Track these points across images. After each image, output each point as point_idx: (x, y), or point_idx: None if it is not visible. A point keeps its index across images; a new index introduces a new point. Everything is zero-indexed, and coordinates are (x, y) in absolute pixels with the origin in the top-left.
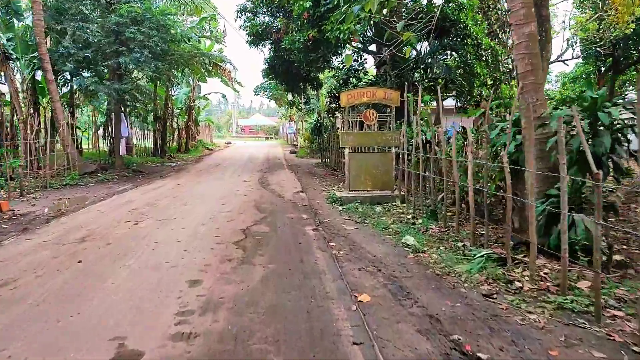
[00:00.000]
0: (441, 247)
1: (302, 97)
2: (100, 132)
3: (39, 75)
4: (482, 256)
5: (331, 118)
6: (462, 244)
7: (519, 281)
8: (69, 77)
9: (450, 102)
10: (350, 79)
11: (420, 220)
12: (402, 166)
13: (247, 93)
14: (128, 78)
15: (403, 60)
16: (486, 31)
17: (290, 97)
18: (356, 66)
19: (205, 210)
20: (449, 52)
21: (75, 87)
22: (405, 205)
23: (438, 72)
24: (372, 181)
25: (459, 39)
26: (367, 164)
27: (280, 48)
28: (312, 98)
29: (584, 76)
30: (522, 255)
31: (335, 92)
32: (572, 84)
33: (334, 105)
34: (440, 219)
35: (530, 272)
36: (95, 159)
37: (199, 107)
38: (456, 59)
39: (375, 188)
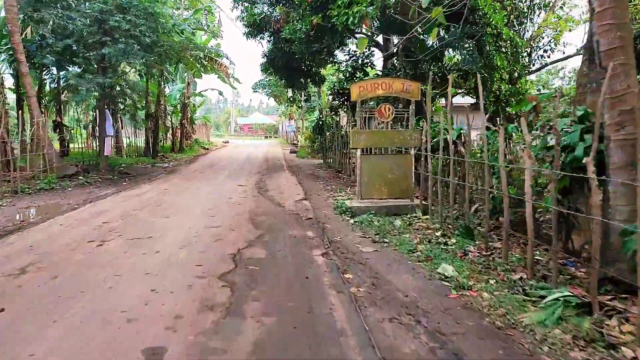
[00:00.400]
0: (490, 281)
1: (303, 94)
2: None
3: None
4: (556, 299)
5: (333, 116)
6: (519, 276)
7: (624, 344)
8: (55, 72)
9: (458, 100)
10: (357, 72)
11: (453, 240)
12: (422, 171)
13: (247, 91)
14: (114, 71)
15: (420, 49)
16: (505, 20)
17: (290, 93)
18: (363, 58)
19: (189, 226)
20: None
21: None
22: (428, 217)
23: (461, 63)
24: (388, 188)
25: (478, 27)
26: (382, 168)
27: (280, 39)
28: (313, 95)
29: None
30: (610, 297)
31: (338, 88)
32: None
33: (338, 102)
34: (478, 238)
35: (637, 328)
36: (78, 160)
37: (194, 104)
38: (469, 52)
39: (392, 196)
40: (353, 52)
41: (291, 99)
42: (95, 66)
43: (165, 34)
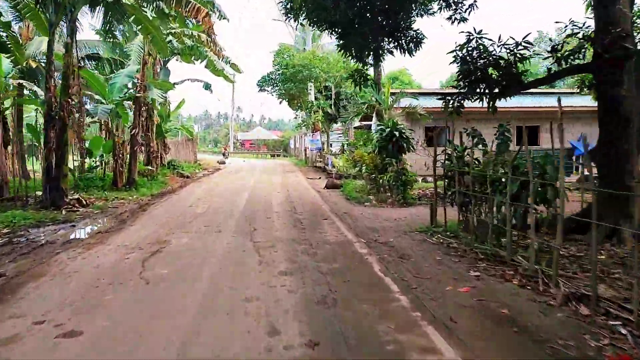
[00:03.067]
0: None
1: (330, 96)
2: None
3: None
4: None
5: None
6: None
7: None
8: None
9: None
10: None
11: None
12: None
13: (247, 106)
14: None
15: None
16: None
17: (311, 96)
18: None
19: None
20: None
21: None
22: None
23: None
24: None
25: None
26: None
27: None
28: (352, 95)
29: None
30: None
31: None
32: None
33: (478, 86)
34: None
35: None
36: None
37: (164, 102)
38: None
39: None
40: None
41: (359, 76)
42: None
43: None
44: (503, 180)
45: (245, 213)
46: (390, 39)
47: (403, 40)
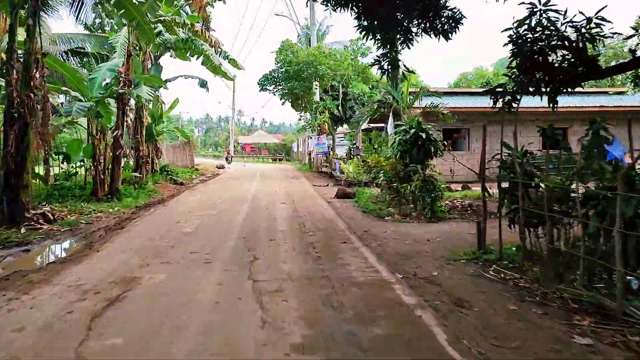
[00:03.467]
0: None
1: (327, 95)
2: None
3: None
4: None
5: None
6: None
7: None
8: None
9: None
10: None
11: None
12: None
13: (248, 108)
14: None
15: None
16: None
17: (316, 96)
18: None
19: None
20: None
21: None
22: None
23: None
24: None
25: None
26: None
27: None
28: (359, 96)
29: None
30: None
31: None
32: None
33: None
34: None
35: None
36: None
37: (155, 100)
38: None
39: None
40: None
41: (389, 62)
42: None
43: None
44: (601, 197)
45: (244, 233)
46: (423, 19)
47: (437, 21)
